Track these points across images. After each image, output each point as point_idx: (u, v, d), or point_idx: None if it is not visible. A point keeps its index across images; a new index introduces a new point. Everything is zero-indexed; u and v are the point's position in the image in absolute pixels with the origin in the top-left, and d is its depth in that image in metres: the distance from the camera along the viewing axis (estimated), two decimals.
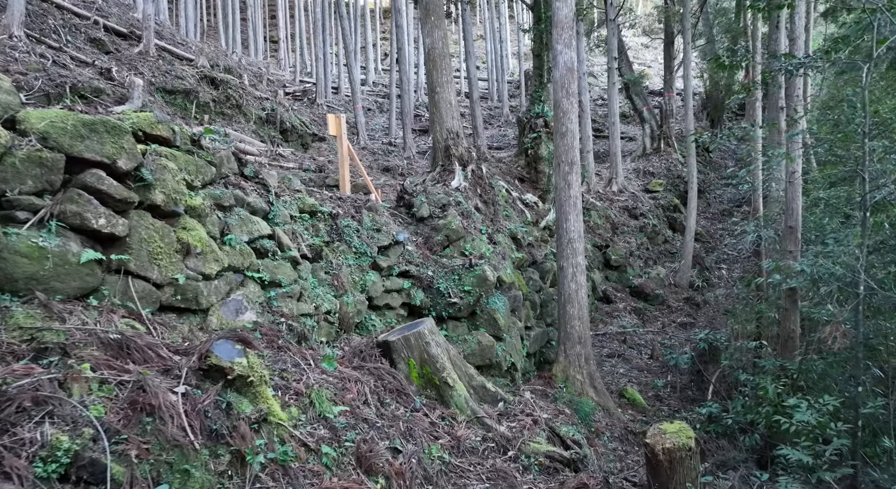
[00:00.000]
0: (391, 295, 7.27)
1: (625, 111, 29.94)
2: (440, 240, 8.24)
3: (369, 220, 7.25)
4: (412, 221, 8.39)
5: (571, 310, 9.95)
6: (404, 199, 8.49)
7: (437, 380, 5.74)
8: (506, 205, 10.80)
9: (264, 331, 4.70)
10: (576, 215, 10.05)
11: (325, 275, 6.12)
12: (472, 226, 8.82)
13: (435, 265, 7.91)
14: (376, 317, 7.00)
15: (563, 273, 10.03)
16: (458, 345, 7.73)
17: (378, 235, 7.25)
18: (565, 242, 10.01)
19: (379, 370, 5.46)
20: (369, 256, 6.95)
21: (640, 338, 14.15)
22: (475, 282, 7.88)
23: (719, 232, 22.34)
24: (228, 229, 4.83)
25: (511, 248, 9.87)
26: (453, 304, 7.73)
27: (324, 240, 6.36)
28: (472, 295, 7.86)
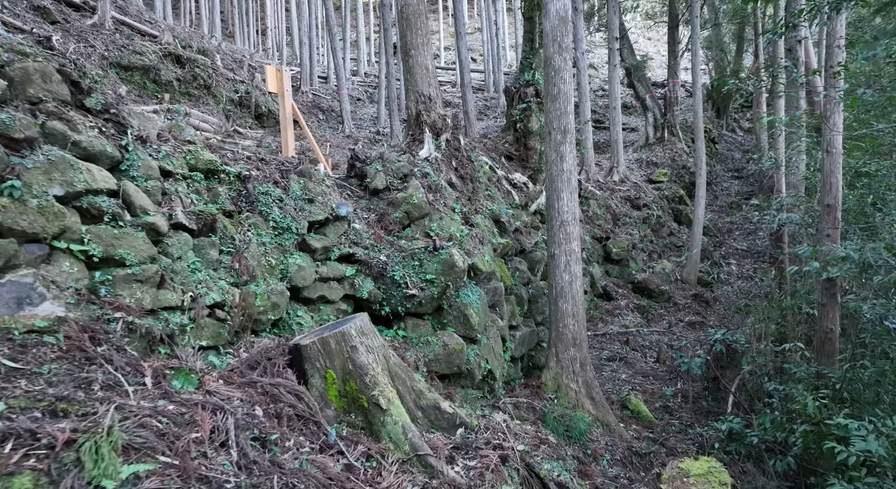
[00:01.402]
0: (328, 284, 5.49)
1: (626, 102, 28.11)
2: (398, 217, 6.46)
3: (299, 187, 5.48)
4: (364, 194, 6.62)
5: (564, 306, 8.16)
6: (356, 168, 6.73)
7: (364, 400, 3.95)
8: (489, 183, 9.02)
9: (72, 333, 2.93)
10: (570, 193, 8.25)
11: (219, 255, 4.35)
12: (441, 202, 7.04)
13: (390, 248, 6.13)
14: (305, 313, 5.21)
15: (554, 262, 8.24)
16: (417, 348, 5.94)
17: (311, 208, 5.47)
18: (557, 225, 8.22)
19: (278, 388, 3.68)
20: (295, 233, 5.18)
21: (645, 339, 12.33)
22: (440, 270, 6.09)
23: (727, 225, 20.48)
24: (17, 173, 3.07)
25: (493, 233, 8.08)
26: (411, 297, 5.94)
27: (222, 207, 4.59)
28: (436, 285, 6.07)
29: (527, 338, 8.68)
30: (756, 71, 21.53)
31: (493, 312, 7.43)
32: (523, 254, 9.41)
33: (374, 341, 4.22)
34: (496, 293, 7.40)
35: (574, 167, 8.32)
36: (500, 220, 8.46)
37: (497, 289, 7.42)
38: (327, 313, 5.49)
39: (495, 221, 8.42)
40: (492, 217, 8.31)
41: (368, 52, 32.97)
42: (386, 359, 4.28)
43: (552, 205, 8.28)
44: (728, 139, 25.73)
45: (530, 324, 9.01)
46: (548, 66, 8.26)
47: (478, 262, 6.87)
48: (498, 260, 8.23)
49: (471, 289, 6.67)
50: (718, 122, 25.54)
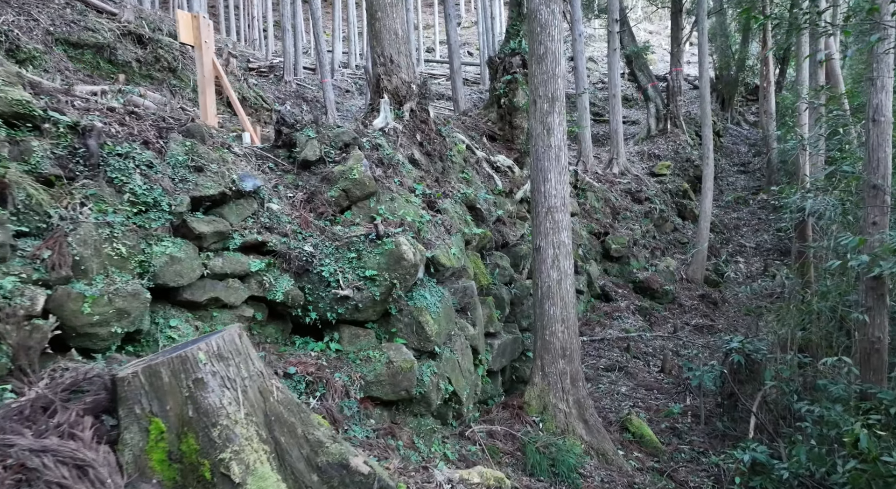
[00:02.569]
0: (225, 283, 3.98)
1: (627, 94, 26.54)
2: (334, 196, 4.93)
3: (183, 151, 3.97)
4: (291, 168, 5.10)
5: (552, 310, 6.63)
6: (283, 135, 5.23)
7: (206, 467, 2.43)
8: (465, 165, 7.51)
9: None
10: (558, 174, 6.73)
11: (12, 239, 2.86)
12: (395, 180, 5.53)
13: (320, 236, 4.61)
14: (186, 323, 3.70)
15: (539, 256, 6.71)
16: (353, 367, 4.42)
17: (199, 179, 3.96)
18: (543, 212, 6.69)
19: (44, 455, 2.18)
20: (168, 212, 3.67)
21: (647, 345, 10.78)
22: (383, 265, 4.57)
23: (734, 221, 18.89)
24: None
25: (465, 221, 6.56)
26: (344, 300, 4.42)
27: (36, 169, 3.10)
28: (377, 284, 4.54)
29: (508, 348, 7.15)
30: (764, 58, 19.96)
31: (463, 317, 5.90)
32: (506, 249, 7.88)
33: (241, 369, 2.69)
34: (466, 294, 5.88)
35: (564, 143, 6.79)
36: (475, 207, 6.93)
37: (467, 289, 5.89)
38: (224, 321, 3.97)
39: (470, 208, 6.89)
40: (465, 203, 6.78)
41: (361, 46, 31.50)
42: (262, 396, 2.75)
43: (537, 188, 6.76)
44: (733, 132, 24.14)
45: (513, 329, 7.47)
46: (532, 20, 6.74)
47: (440, 256, 5.35)
48: (472, 254, 6.71)
49: (429, 288, 5.14)
50: (723, 114, 23.96)
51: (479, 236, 6.86)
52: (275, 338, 4.40)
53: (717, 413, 7.97)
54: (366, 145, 5.50)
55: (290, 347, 4.39)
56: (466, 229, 6.39)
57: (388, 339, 4.82)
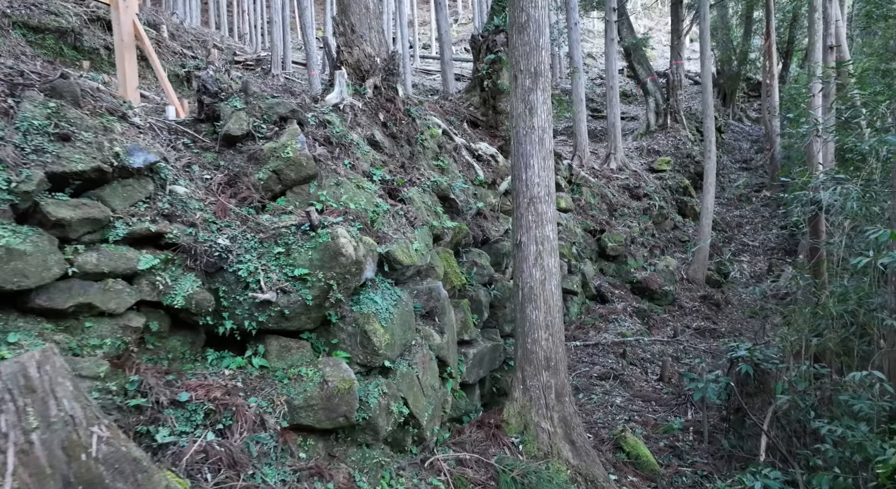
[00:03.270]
0: (102, 284, 3.08)
1: (626, 90, 25.62)
2: (262, 179, 4.02)
3: (44, 115, 3.06)
4: (213, 144, 4.20)
5: (534, 315, 5.72)
6: (205, 106, 4.32)
7: None
8: (440, 152, 6.60)
9: None
10: (542, 159, 5.81)
11: None
12: (345, 162, 4.63)
13: (241, 226, 3.71)
14: (33, 338, 2.79)
15: (521, 253, 5.80)
16: (279, 387, 3.51)
17: (62, 150, 3.04)
18: (525, 203, 5.79)
19: None
20: (6, 191, 2.77)
21: (645, 350, 9.85)
22: (317, 261, 3.66)
23: (736, 219, 17.94)
24: None
25: (436, 214, 5.65)
26: (265, 305, 3.51)
27: None
28: (310, 285, 3.63)
29: (487, 357, 6.23)
30: (767, 50, 19.01)
31: (429, 324, 4.99)
32: (487, 245, 6.96)
33: (29, 416, 1.79)
34: (432, 296, 4.96)
35: (549, 124, 5.88)
36: (449, 198, 6.01)
37: (434, 290, 4.97)
38: (101, 334, 3.06)
39: (442, 199, 5.98)
40: (436, 192, 5.86)
41: None
42: (68, 454, 1.85)
43: (518, 175, 5.85)
44: (735, 129, 23.17)
45: (494, 336, 6.56)
46: None
47: (397, 252, 4.43)
48: (444, 251, 5.79)
49: (382, 291, 4.23)
50: (724, 110, 22.99)
51: (454, 231, 5.95)
52: (180, 354, 3.49)
53: (722, 428, 7.04)
54: (310, 121, 4.59)
55: (200, 365, 3.48)
56: (436, 222, 5.48)
57: (329, 353, 3.91)
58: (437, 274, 5.29)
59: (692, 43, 32.70)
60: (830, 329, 6.86)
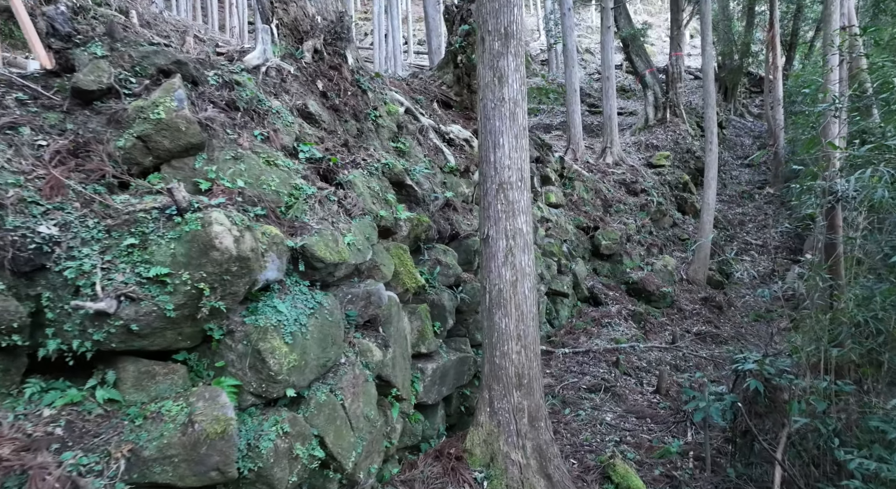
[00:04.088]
0: None
1: (624, 85, 24.57)
2: (124, 147, 3.00)
3: None
4: (61, 102, 3.18)
5: (504, 323, 4.70)
6: (56, 53, 3.31)
7: None
8: (400, 132, 5.59)
9: None
10: (514, 137, 4.80)
11: None
12: (255, 133, 3.62)
13: (82, 209, 2.71)
14: None
15: (489, 249, 4.79)
16: (124, 431, 2.50)
17: None
18: (493, 190, 4.78)
19: None
20: None
21: (641, 358, 8.80)
22: (182, 257, 2.65)
23: (738, 217, 16.87)
24: None
25: (385, 201, 4.63)
26: (101, 318, 2.51)
27: None
28: (171, 290, 2.62)
29: (452, 371, 5.21)
30: (771, 42, 17.92)
31: (368, 336, 3.97)
32: (456, 241, 5.94)
33: None
34: (371, 302, 3.94)
35: (522, 96, 4.87)
36: (404, 185, 4.98)
37: (373, 295, 3.95)
38: None
39: (397, 185, 4.95)
40: (389, 177, 4.84)
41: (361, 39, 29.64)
42: None
43: (486, 157, 4.83)
44: (737, 124, 22.08)
45: (462, 346, 5.53)
46: None
47: (318, 246, 3.42)
48: (396, 247, 4.77)
49: (294, 296, 3.22)
50: (726, 105, 21.90)
51: (411, 223, 4.93)
52: None
53: (726, 453, 6.00)
54: (210, 80, 3.59)
55: (12, 401, 2.47)
56: (384, 212, 4.46)
57: (213, 379, 2.89)
58: (382, 274, 4.27)
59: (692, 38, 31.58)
60: (853, 338, 5.80)
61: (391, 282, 4.55)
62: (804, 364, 5.83)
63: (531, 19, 31.65)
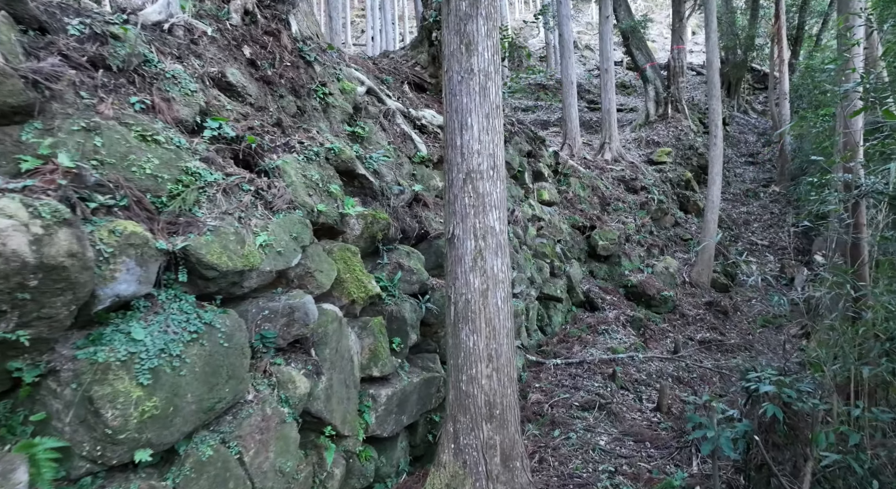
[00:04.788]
0: None
1: (625, 81, 23.65)
2: None
3: None
4: None
5: (472, 340, 3.81)
6: None
7: None
8: (355, 113, 4.71)
9: None
10: (485, 116, 3.91)
11: None
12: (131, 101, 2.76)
13: None
14: None
15: (454, 251, 3.91)
16: None
17: None
18: (459, 179, 3.89)
19: None
20: None
21: (640, 370, 7.89)
22: None
23: (743, 216, 15.92)
24: None
25: (328, 193, 3.74)
26: None
27: None
28: None
29: (415, 395, 4.32)
30: (777, 33, 16.97)
31: (293, 361, 3.08)
32: (426, 242, 5.05)
33: None
34: (295, 319, 3.06)
35: (496, 67, 3.97)
36: (355, 174, 4.10)
37: (298, 309, 3.07)
38: None
39: (345, 175, 4.07)
40: (335, 164, 3.95)
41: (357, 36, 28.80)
42: None
43: (451, 140, 3.95)
44: (740, 121, 21.12)
45: (430, 363, 4.65)
46: None
47: (208, 249, 2.55)
48: (342, 249, 3.88)
49: (167, 316, 2.34)
50: (729, 101, 20.91)
51: (364, 220, 4.04)
52: None
53: (738, 486, 5.09)
54: (72, 29, 2.73)
55: None
56: (323, 206, 3.57)
57: (31, 437, 2.00)
58: (318, 283, 3.38)
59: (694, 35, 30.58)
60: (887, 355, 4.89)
61: (333, 293, 3.66)
62: (829, 384, 4.92)
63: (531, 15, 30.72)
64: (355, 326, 3.91)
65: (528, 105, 20.73)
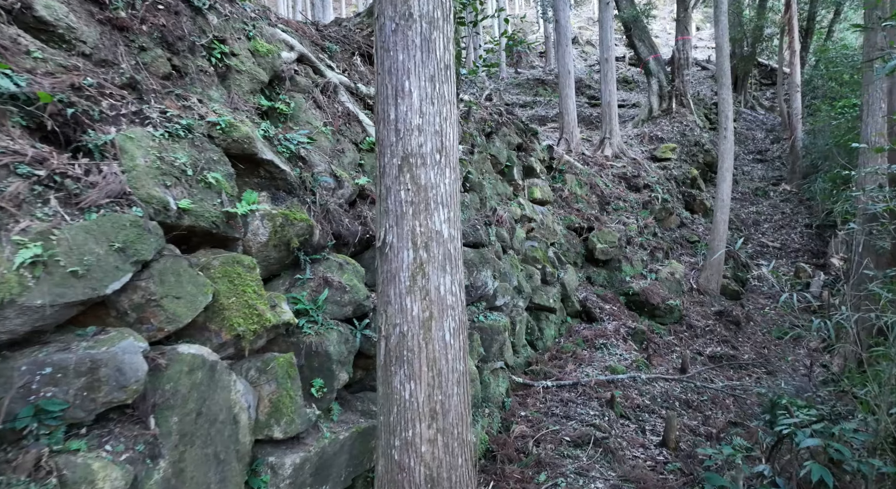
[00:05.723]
0: None
1: (627, 76, 22.45)
2: None
3: None
4: None
5: (408, 390, 2.65)
6: None
7: None
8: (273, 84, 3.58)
9: None
10: (429, 80, 2.74)
11: None
12: None
13: None
14: None
15: (386, 264, 2.75)
16: None
17: None
18: (393, 166, 2.73)
19: None
20: None
21: (643, 393, 6.74)
22: None
23: (752, 216, 14.72)
24: None
25: (206, 184, 2.61)
26: None
27: None
28: None
29: (343, 456, 3.19)
30: (787, 23, 15.74)
31: (114, 440, 1.94)
32: (372, 250, 3.93)
33: None
34: (100, 381, 1.92)
35: (446, 13, 2.83)
36: (257, 160, 2.98)
37: (106, 364, 1.93)
38: None
39: (243, 160, 2.95)
40: (222, 144, 2.83)
41: None
42: None
43: (384, 113, 2.81)
44: (748, 117, 19.88)
45: (370, 407, 3.51)
46: None
47: None
48: (227, 261, 2.74)
49: None
50: (736, 97, 19.64)
51: (272, 222, 2.92)
52: None
53: None
54: None
55: None
56: (187, 203, 2.44)
57: None
58: (167, 316, 2.26)
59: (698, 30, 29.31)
60: None
61: (209, 326, 2.54)
62: (885, 432, 3.76)
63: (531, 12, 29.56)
64: (249, 370, 2.78)
65: (526, 101, 19.57)
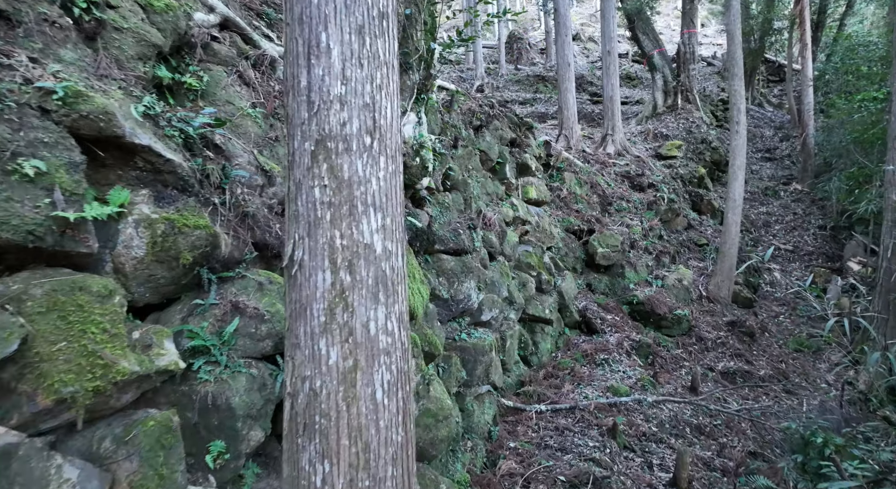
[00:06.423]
0: None
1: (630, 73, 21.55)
2: None
3: None
4: None
5: (320, 475, 1.77)
6: None
7: None
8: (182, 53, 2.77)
9: None
10: (354, 34, 1.86)
11: None
12: None
13: None
14: None
15: (294, 291, 1.87)
16: None
17: None
18: (305, 152, 1.84)
19: None
20: None
21: (649, 418, 5.88)
22: None
23: (762, 217, 13.81)
24: None
25: (16, 174, 1.77)
26: None
27: None
28: None
29: None
30: (799, 15, 14.83)
31: None
32: None
33: None
34: None
35: None
36: (131, 146, 2.17)
37: None
38: None
39: (108, 146, 2.13)
40: (65, 120, 2.01)
41: None
42: None
43: (294, 78, 1.93)
44: (755, 114, 18.94)
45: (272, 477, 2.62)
46: None
47: None
48: (57, 287, 1.90)
49: None
50: None
51: (152, 231, 2.08)
52: None
53: None
54: None
55: None
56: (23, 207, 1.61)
57: None
58: None
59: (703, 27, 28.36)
60: None
61: (14, 387, 1.70)
62: None
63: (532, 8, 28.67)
64: (102, 441, 1.95)
65: (525, 98, 18.70)
